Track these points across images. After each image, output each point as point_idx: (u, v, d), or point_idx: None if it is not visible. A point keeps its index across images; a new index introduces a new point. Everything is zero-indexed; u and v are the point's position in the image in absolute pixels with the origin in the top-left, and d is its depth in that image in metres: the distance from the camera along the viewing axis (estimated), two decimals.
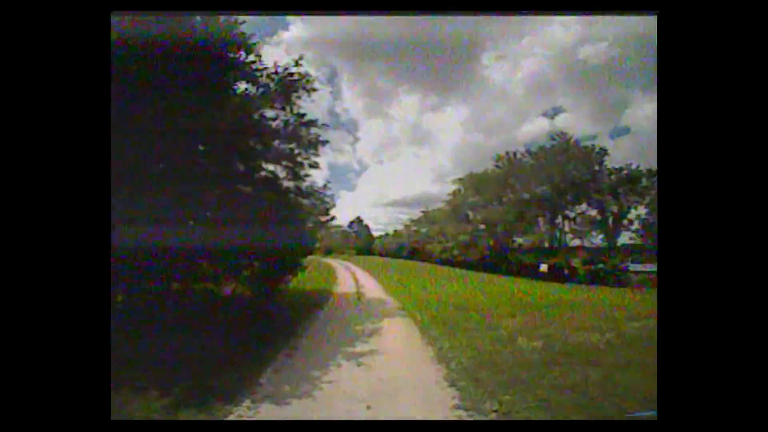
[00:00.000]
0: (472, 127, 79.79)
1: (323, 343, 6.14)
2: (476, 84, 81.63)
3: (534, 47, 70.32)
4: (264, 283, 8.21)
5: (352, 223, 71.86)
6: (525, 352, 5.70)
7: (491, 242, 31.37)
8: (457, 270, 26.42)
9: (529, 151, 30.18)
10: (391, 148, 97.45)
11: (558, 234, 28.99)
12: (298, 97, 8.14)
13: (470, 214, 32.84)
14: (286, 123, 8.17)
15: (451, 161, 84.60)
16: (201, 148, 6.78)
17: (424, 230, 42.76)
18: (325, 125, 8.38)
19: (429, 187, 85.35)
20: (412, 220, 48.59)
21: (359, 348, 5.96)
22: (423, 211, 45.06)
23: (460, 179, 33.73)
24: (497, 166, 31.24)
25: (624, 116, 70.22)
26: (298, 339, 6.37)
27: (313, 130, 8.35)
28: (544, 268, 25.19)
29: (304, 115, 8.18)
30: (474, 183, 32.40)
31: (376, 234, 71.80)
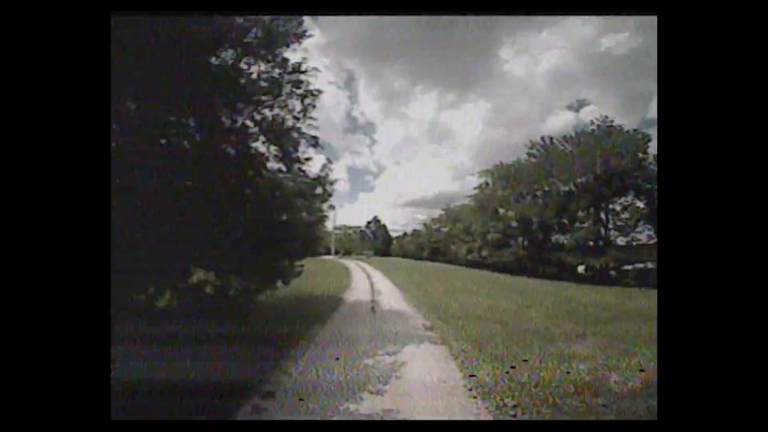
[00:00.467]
0: (494, 122, 79.48)
1: (313, 393, 3.71)
2: (496, 79, 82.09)
3: (554, 40, 72.19)
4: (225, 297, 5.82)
5: (369, 223, 69.72)
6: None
7: (525, 241, 27.95)
8: (488, 273, 23.35)
9: (567, 137, 26.63)
10: (408, 147, 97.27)
11: (602, 230, 25.28)
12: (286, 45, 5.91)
13: (500, 209, 29.54)
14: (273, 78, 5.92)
15: (472, 158, 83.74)
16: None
17: (445, 229, 39.70)
18: (315, 69, 6.01)
19: (448, 186, 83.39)
20: (433, 219, 45.65)
21: (368, 404, 3.51)
22: (444, 209, 42.03)
23: (487, 171, 30.48)
24: (530, 155, 27.83)
25: (651, 108, 64.75)
26: (279, 383, 3.99)
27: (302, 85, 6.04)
28: (581, 269, 22.40)
29: (287, 60, 5.89)
30: (504, 175, 29.08)
31: (394, 234, 69.50)
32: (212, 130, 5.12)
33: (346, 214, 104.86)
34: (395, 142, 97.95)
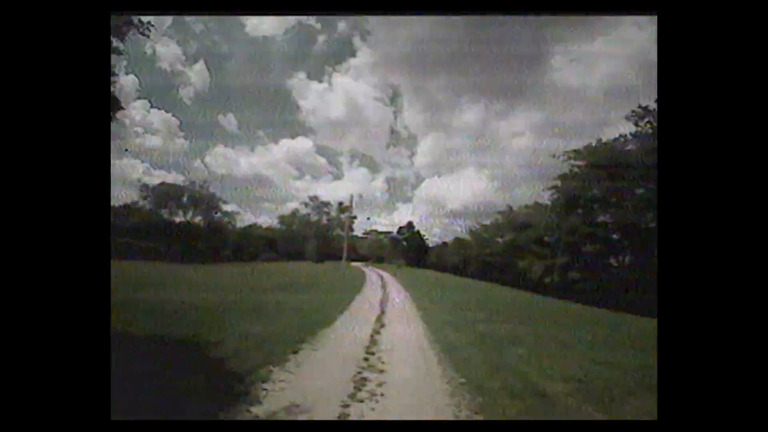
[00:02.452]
0: (545, 132, 70.61)
1: None
2: (547, 88, 74.13)
3: (609, 47, 62.91)
4: None
5: (401, 228, 61.08)
6: None
7: (628, 258, 17.51)
8: (603, 312, 13.45)
9: None
10: (451, 158, 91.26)
11: None
12: None
13: (596, 208, 19.47)
14: None
15: (521, 168, 74.53)
16: None
17: (505, 238, 29.78)
18: None
19: (493, 196, 74.06)
20: (484, 225, 35.80)
21: None
22: (502, 212, 32.19)
23: (575, 152, 20.63)
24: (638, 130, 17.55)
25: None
26: None
27: None
28: None
29: None
30: (605, 157, 19.10)
31: (430, 245, 60.12)
32: None
33: (381, 224, 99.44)
34: (438, 152, 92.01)
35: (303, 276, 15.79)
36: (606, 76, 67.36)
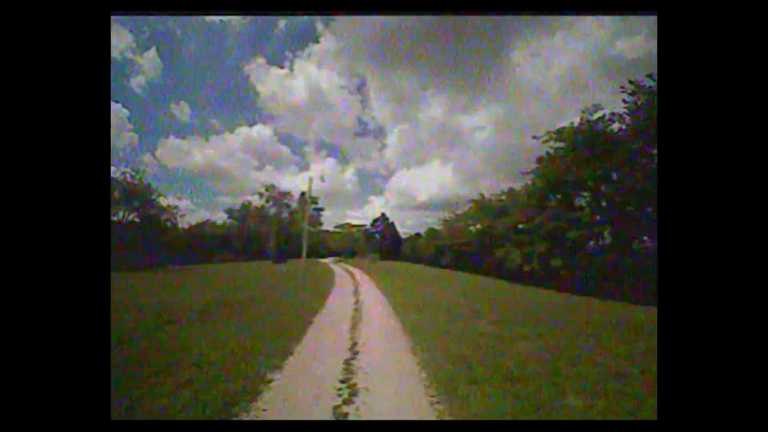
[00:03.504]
0: (505, 126, 72.99)
1: None
2: (508, 83, 76.33)
3: (568, 43, 67.85)
4: None
5: (375, 221, 58.58)
6: None
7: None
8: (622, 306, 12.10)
9: None
10: (418, 151, 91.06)
11: None
12: None
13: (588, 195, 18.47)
14: None
15: (484, 162, 76.44)
16: None
17: (479, 227, 28.53)
18: None
19: (458, 189, 74.74)
20: (458, 215, 34.43)
21: None
22: (475, 200, 30.92)
23: (558, 131, 19.34)
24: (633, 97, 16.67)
25: None
26: None
27: None
28: None
29: None
30: (590, 135, 18.02)
31: (403, 236, 58.43)
32: None
33: (354, 216, 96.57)
34: (405, 145, 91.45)
35: (251, 285, 12.65)
36: (563, 70, 70.40)
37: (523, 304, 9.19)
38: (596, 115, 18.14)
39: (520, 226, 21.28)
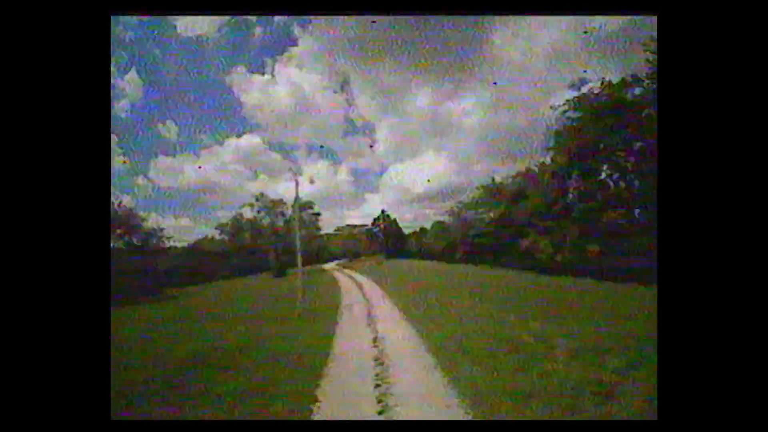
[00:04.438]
0: (495, 108, 70.50)
1: None
2: (492, 64, 74.17)
3: (546, 19, 62.25)
4: None
5: (376, 220, 56.24)
6: None
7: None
8: None
9: None
10: (409, 143, 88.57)
11: None
12: None
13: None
14: None
15: (477, 146, 74.05)
16: None
17: (492, 214, 26.18)
18: None
19: (453, 178, 72.20)
20: (467, 203, 32.07)
21: None
22: (484, 185, 28.55)
23: (578, 98, 16.95)
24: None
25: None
26: None
27: None
28: None
29: None
30: (613, 99, 15.58)
31: (406, 231, 56.22)
32: None
33: (354, 216, 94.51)
34: (396, 139, 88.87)
35: (251, 303, 10.58)
36: (546, 47, 68.28)
37: (591, 303, 6.91)
38: (615, 80, 15.76)
39: (543, 211, 19.04)
